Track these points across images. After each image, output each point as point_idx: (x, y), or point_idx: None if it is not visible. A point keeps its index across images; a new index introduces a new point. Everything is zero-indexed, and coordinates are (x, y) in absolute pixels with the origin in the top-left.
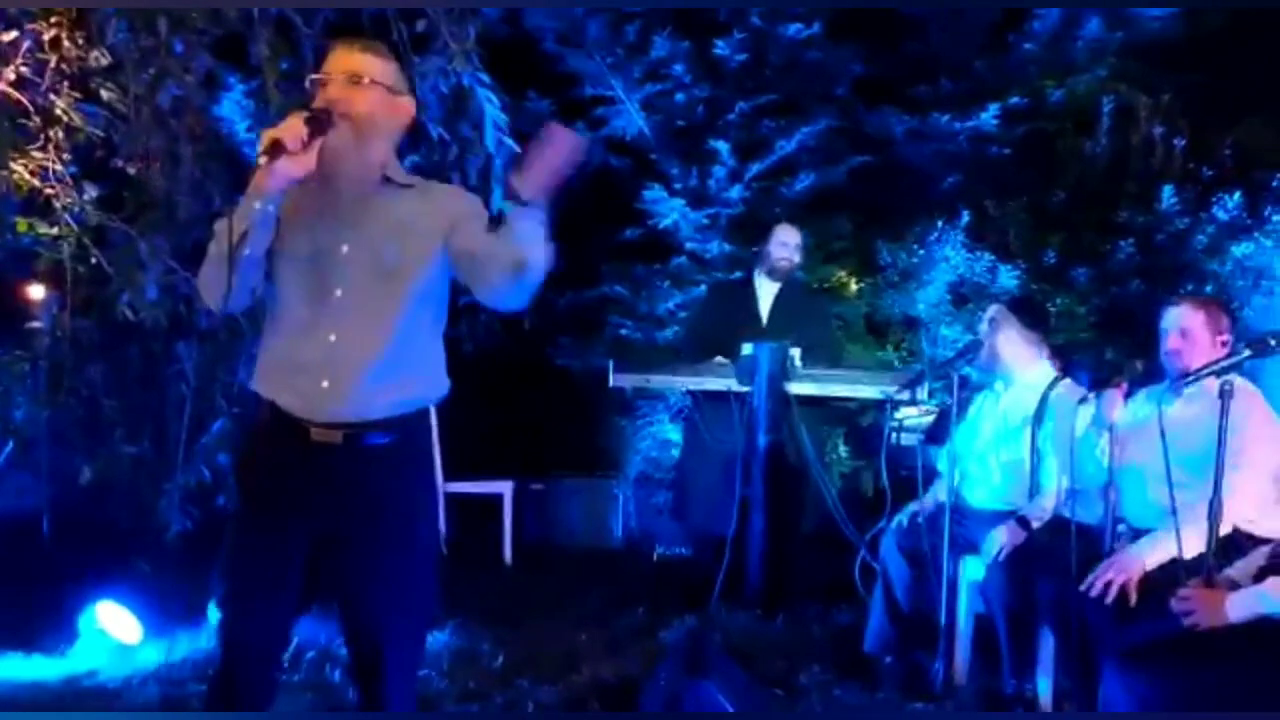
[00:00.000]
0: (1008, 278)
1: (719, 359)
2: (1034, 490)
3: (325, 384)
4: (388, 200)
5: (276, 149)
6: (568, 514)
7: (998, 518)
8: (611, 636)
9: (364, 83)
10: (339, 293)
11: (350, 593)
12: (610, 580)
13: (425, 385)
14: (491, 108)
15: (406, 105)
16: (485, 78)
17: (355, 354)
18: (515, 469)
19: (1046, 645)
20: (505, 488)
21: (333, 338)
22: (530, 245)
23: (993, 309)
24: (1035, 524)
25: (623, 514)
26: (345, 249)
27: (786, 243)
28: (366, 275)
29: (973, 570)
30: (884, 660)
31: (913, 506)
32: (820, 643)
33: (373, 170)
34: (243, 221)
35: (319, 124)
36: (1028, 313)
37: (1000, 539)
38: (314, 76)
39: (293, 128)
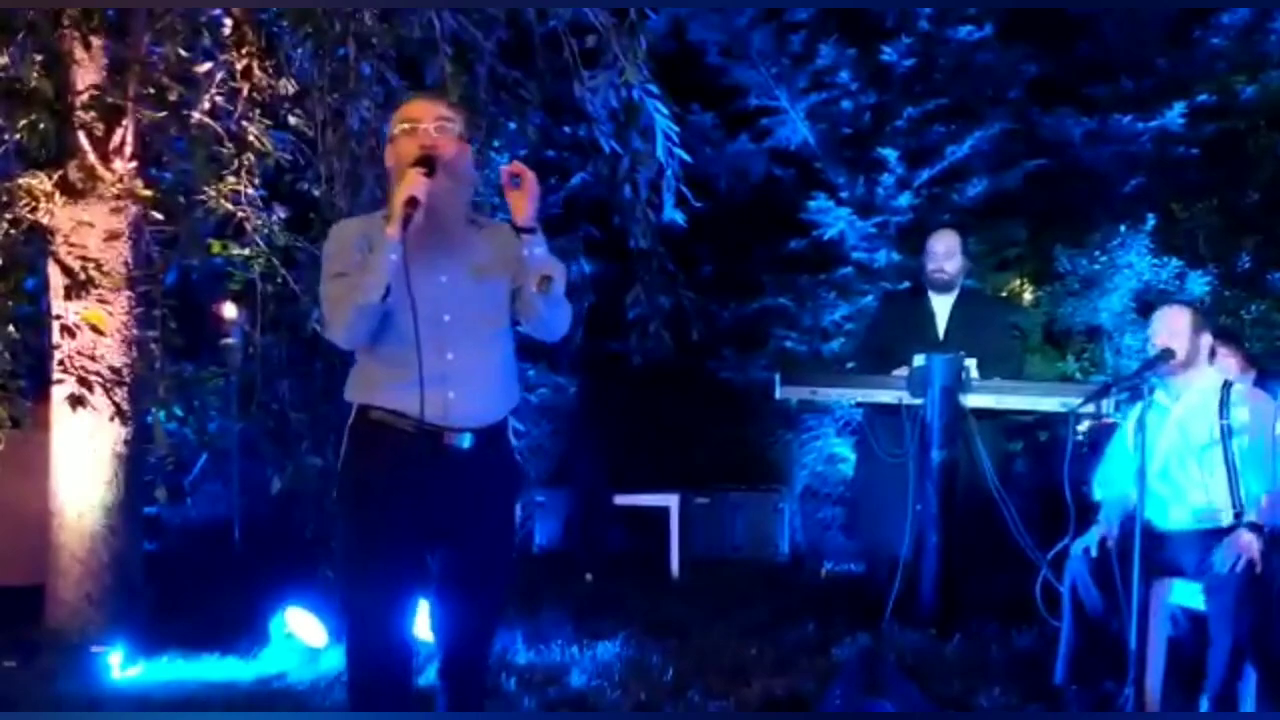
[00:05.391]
0: (1197, 283)
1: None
2: (1238, 503)
3: (451, 395)
4: (472, 238)
5: (414, 204)
6: (732, 527)
7: (1199, 537)
8: (782, 651)
9: (450, 129)
10: (447, 318)
11: (456, 579)
12: (778, 595)
13: (512, 395)
14: (662, 118)
15: (470, 150)
16: (655, 89)
17: (469, 368)
18: (681, 482)
19: (1249, 676)
20: (672, 500)
21: (450, 356)
22: (550, 263)
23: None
24: (1266, 528)
25: (788, 528)
26: (444, 279)
27: (934, 252)
28: (466, 302)
29: (1173, 594)
30: (1070, 688)
31: (1100, 529)
32: (1000, 664)
33: (461, 210)
34: (384, 274)
35: (431, 170)
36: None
37: (1235, 549)
38: (404, 125)
39: (420, 183)
